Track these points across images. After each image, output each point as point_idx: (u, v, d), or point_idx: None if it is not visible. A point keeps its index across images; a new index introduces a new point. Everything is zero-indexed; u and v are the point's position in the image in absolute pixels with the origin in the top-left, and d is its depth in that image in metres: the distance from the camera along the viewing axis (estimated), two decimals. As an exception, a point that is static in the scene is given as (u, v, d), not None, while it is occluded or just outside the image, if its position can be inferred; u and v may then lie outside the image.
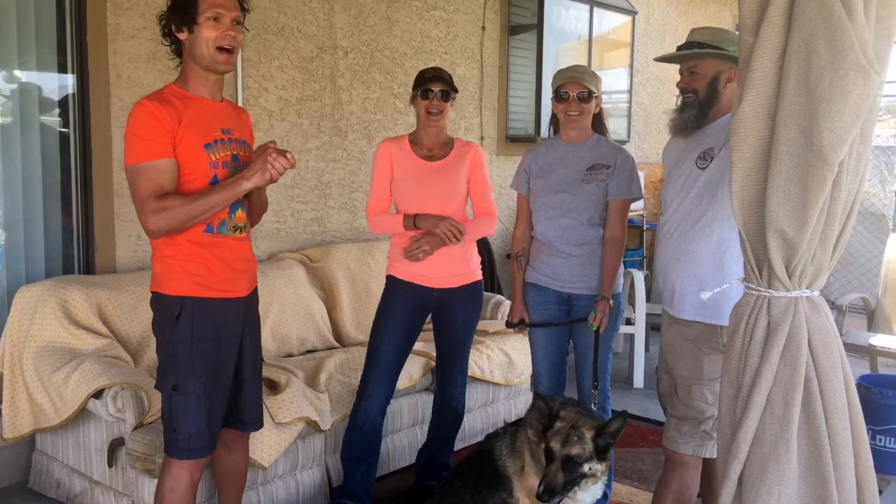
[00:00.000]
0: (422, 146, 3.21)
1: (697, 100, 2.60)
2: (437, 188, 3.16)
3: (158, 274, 2.38)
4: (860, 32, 1.80)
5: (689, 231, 2.57)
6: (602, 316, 2.94)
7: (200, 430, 2.39)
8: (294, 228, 4.45)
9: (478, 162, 3.24)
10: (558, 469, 2.51)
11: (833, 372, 1.97)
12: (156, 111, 2.25)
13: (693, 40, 2.63)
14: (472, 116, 5.51)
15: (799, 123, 1.88)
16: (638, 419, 4.46)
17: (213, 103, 2.41)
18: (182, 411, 2.37)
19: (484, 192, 3.26)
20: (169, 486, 2.42)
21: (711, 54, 2.57)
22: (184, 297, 2.34)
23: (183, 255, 2.34)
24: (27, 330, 3.15)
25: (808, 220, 1.91)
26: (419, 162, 3.19)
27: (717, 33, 2.63)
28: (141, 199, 2.25)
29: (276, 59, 4.28)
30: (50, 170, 3.61)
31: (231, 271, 2.42)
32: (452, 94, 3.16)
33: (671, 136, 2.75)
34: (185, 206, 2.25)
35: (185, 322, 2.34)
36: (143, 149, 2.25)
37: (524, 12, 5.75)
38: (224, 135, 2.40)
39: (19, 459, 3.45)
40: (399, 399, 3.59)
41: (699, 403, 2.57)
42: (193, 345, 2.35)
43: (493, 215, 3.25)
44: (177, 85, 2.39)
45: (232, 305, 2.44)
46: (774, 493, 1.94)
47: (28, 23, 3.49)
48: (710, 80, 2.58)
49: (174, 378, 2.36)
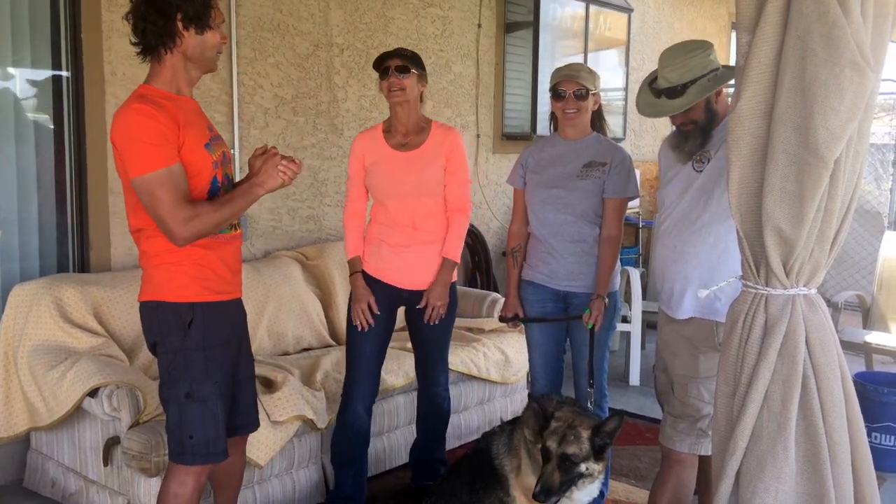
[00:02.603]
0: (395, 133, 3.07)
1: (699, 128, 2.56)
2: (410, 181, 3.02)
3: (161, 282, 2.29)
4: (856, 30, 1.80)
5: (686, 232, 2.57)
6: (597, 314, 2.94)
7: (219, 434, 2.35)
8: (290, 226, 4.44)
9: (456, 149, 3.07)
10: (555, 469, 2.50)
11: (830, 369, 1.97)
12: (157, 115, 2.16)
13: (672, 85, 2.52)
14: (468, 114, 5.51)
15: (794, 121, 1.88)
16: (635, 417, 4.46)
17: (191, 101, 2.35)
18: (199, 418, 2.31)
19: (459, 186, 3.08)
20: (174, 492, 2.36)
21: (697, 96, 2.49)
22: (194, 303, 2.29)
23: (190, 260, 2.28)
24: (22, 328, 3.14)
25: (805, 218, 1.91)
26: (391, 153, 3.05)
27: (688, 64, 2.51)
28: (168, 207, 2.15)
29: (271, 57, 4.26)
30: (44, 167, 3.60)
31: (231, 272, 2.41)
32: (413, 69, 2.97)
33: (670, 150, 2.72)
34: (215, 213, 2.21)
35: (197, 328, 2.29)
36: (155, 155, 2.16)
37: (520, 10, 5.75)
38: (211, 132, 2.38)
39: (14, 458, 3.44)
40: (395, 397, 3.59)
41: (695, 401, 2.58)
42: (206, 351, 2.31)
43: (465, 212, 3.10)
44: (153, 85, 2.27)
45: (234, 307, 2.44)
46: (772, 490, 1.95)
47: (22, 20, 3.48)
48: (704, 108, 2.54)
49: (187, 386, 2.30)
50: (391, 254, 3.06)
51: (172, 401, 2.34)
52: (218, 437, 2.36)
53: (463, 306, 4.51)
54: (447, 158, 3.05)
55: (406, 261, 3.05)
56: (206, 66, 2.34)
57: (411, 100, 3.01)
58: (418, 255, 3.06)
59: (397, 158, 3.05)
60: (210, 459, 2.37)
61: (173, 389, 2.33)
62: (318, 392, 3.31)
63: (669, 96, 2.55)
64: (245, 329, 2.55)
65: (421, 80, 3.03)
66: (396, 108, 3.04)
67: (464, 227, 3.12)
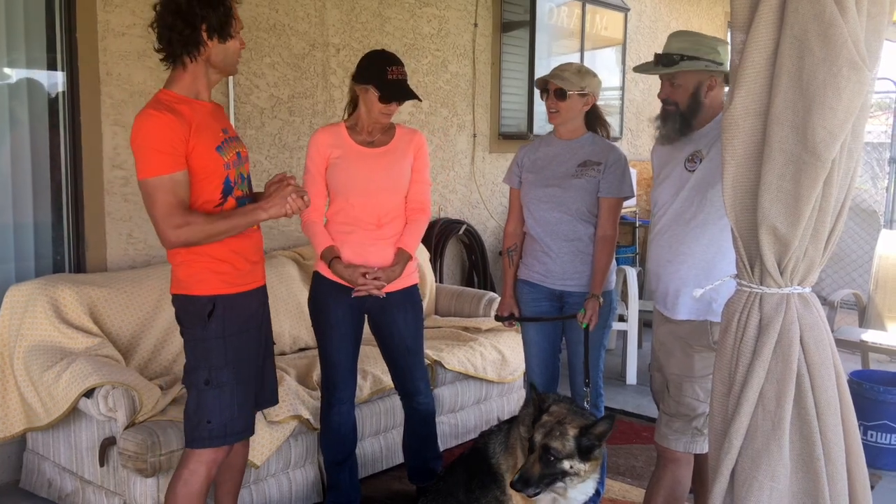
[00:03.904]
0: (360, 131, 2.97)
1: (679, 111, 2.60)
2: (378, 176, 2.94)
3: (184, 278, 2.43)
4: (852, 29, 1.81)
5: (680, 233, 2.58)
6: (591, 314, 2.95)
7: (234, 416, 2.47)
8: (286, 226, 4.44)
9: (422, 148, 3.03)
10: (536, 461, 2.51)
11: (825, 368, 1.98)
12: (171, 123, 2.27)
13: (671, 51, 2.60)
14: (464, 114, 5.51)
15: (792, 120, 1.88)
16: (631, 416, 4.46)
17: (207, 104, 2.45)
18: (216, 402, 2.44)
19: (423, 185, 3.04)
20: (184, 479, 2.46)
21: (689, 68, 2.55)
22: (214, 296, 2.42)
23: (208, 256, 2.40)
24: (17, 329, 3.14)
25: (801, 217, 1.92)
26: (358, 148, 2.95)
27: (695, 40, 2.59)
28: (163, 212, 2.28)
29: (267, 57, 4.26)
30: (40, 168, 3.59)
31: (250, 264, 2.51)
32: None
33: (657, 144, 2.75)
34: (207, 225, 2.32)
35: (217, 320, 2.42)
36: (161, 162, 2.27)
37: (516, 9, 5.75)
38: (224, 135, 2.45)
39: (10, 459, 3.44)
40: (392, 396, 3.58)
41: (690, 400, 2.58)
42: (226, 339, 2.43)
43: (427, 213, 3.06)
44: (172, 90, 2.37)
45: (255, 296, 2.55)
46: (766, 488, 1.95)
47: (17, 19, 3.47)
48: (691, 92, 2.58)
49: (206, 373, 2.43)
50: (353, 255, 2.94)
51: (193, 387, 2.46)
52: (236, 417, 2.47)
53: (460, 305, 4.52)
54: (415, 157, 3.02)
55: (369, 263, 2.93)
56: (228, 71, 2.50)
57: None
58: (381, 255, 2.95)
59: (365, 154, 2.95)
60: (227, 440, 2.48)
61: (193, 375, 2.46)
62: (314, 392, 3.31)
63: (664, 63, 2.61)
64: (266, 314, 2.66)
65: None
66: (379, 125, 2.98)
67: (424, 227, 3.07)
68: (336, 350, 3.03)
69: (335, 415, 3.09)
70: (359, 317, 3.07)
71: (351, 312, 3.02)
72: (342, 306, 2.98)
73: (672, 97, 2.61)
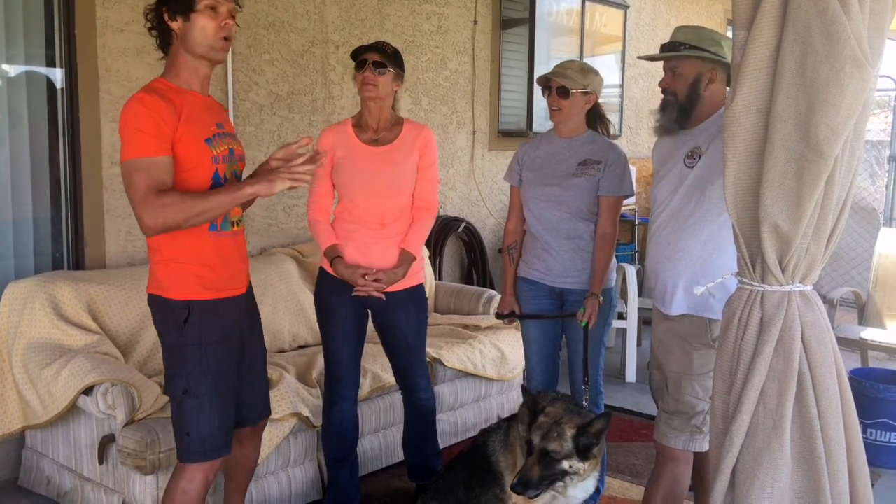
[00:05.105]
0: (366, 129, 2.97)
1: (677, 101, 2.61)
2: (382, 176, 2.91)
3: (162, 278, 2.34)
4: (855, 26, 1.80)
5: (679, 229, 2.58)
6: (591, 312, 2.94)
7: (214, 432, 2.36)
8: (285, 224, 4.43)
9: (429, 145, 2.98)
10: (535, 463, 2.51)
11: (826, 366, 1.97)
12: (157, 106, 2.20)
13: (676, 40, 2.63)
14: (463, 111, 5.50)
15: (794, 118, 1.88)
16: (630, 414, 4.46)
17: (203, 97, 2.38)
18: (195, 414, 2.34)
19: (430, 183, 2.99)
20: (182, 489, 2.37)
21: (692, 56, 2.57)
22: (191, 300, 2.32)
23: (188, 257, 2.31)
24: (16, 326, 3.13)
25: (803, 215, 1.91)
26: (362, 147, 2.94)
27: (699, 33, 2.62)
28: (141, 194, 2.18)
29: (266, 53, 4.25)
30: (39, 165, 3.58)
31: (232, 270, 2.41)
32: (391, 68, 2.88)
33: (656, 137, 2.76)
34: (184, 204, 2.20)
35: (193, 326, 2.31)
36: (145, 144, 2.19)
37: (516, 6, 5.74)
38: (218, 129, 2.39)
39: (9, 457, 3.43)
40: (392, 394, 3.58)
41: (689, 398, 2.58)
42: (203, 347, 2.33)
43: (433, 210, 3.01)
44: (166, 79, 2.32)
45: (234, 304, 2.44)
46: (767, 486, 1.95)
47: (16, 16, 3.46)
48: (691, 83, 2.59)
49: (184, 382, 2.33)
50: (357, 253, 2.94)
51: (173, 397, 2.38)
52: (215, 433, 2.36)
53: (459, 303, 4.52)
54: (420, 154, 2.96)
55: (372, 262, 2.92)
56: (199, 51, 2.30)
57: (384, 97, 2.91)
58: (384, 254, 2.94)
59: (369, 153, 2.94)
60: (207, 456, 2.37)
61: (171, 384, 2.37)
62: (313, 389, 3.31)
63: (667, 49, 2.64)
64: (251, 322, 2.56)
65: (397, 79, 2.93)
66: (368, 103, 2.94)
67: (429, 225, 3.03)
68: (339, 347, 3.03)
69: (337, 412, 3.08)
70: (362, 314, 3.07)
71: (354, 310, 3.01)
72: (345, 303, 2.98)
73: (672, 87, 2.62)
